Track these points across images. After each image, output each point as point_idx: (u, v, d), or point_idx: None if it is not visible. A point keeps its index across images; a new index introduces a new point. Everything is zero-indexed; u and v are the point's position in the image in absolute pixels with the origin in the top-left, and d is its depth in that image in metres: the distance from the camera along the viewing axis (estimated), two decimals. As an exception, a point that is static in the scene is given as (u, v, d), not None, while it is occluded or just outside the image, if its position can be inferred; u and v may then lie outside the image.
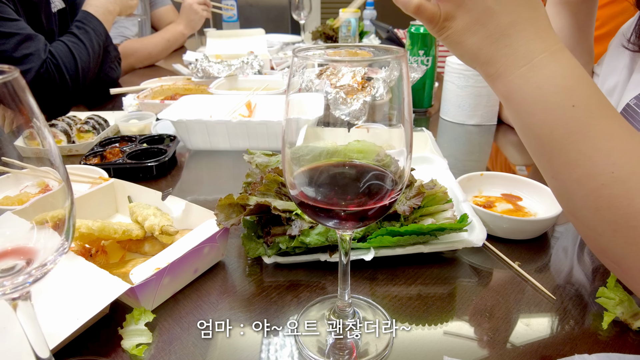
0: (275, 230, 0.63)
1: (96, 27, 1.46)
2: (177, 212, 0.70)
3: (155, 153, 0.99)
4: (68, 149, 1.07)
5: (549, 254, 0.70)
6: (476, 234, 0.66)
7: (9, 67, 0.33)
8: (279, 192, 0.64)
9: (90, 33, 1.44)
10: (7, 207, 0.62)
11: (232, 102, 1.21)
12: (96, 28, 1.46)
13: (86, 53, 1.41)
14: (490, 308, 0.59)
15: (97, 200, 0.75)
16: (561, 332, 0.55)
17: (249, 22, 3.12)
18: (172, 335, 0.54)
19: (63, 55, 1.35)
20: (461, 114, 1.30)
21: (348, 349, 0.53)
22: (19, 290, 0.37)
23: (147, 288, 0.54)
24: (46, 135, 0.36)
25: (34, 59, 1.28)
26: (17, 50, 1.26)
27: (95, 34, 1.45)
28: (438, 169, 0.84)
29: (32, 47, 1.29)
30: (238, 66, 1.54)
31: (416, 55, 1.34)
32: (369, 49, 0.48)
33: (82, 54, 1.40)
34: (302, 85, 0.42)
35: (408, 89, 0.42)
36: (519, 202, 0.81)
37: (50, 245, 0.38)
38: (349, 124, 0.46)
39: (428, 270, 0.66)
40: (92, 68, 1.46)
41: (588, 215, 0.49)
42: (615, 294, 0.56)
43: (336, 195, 0.44)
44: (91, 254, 0.64)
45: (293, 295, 0.61)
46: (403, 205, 0.65)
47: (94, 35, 1.45)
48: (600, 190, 0.47)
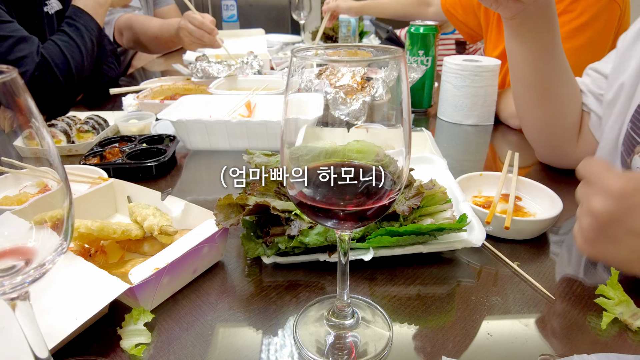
0: (274, 231, 0.63)
1: (87, 22, 1.43)
2: (177, 212, 0.70)
3: (155, 153, 0.99)
4: (68, 149, 1.07)
5: (548, 254, 0.70)
6: (475, 234, 0.66)
7: (7, 67, 0.33)
8: (278, 192, 0.64)
9: (81, 30, 1.41)
10: (6, 207, 0.62)
11: (232, 102, 1.21)
12: (87, 24, 1.42)
13: (78, 51, 1.39)
14: (489, 308, 0.59)
15: (96, 200, 0.75)
16: (560, 332, 0.55)
17: (249, 22, 3.13)
18: (171, 335, 0.54)
19: (55, 56, 1.33)
20: (458, 114, 1.30)
21: (347, 349, 0.53)
22: (17, 290, 0.37)
23: (146, 288, 0.54)
24: (45, 135, 0.36)
25: (28, 62, 1.27)
26: (11, 53, 1.25)
27: (86, 29, 1.42)
28: (437, 169, 0.84)
29: (26, 49, 1.28)
30: (238, 66, 1.54)
31: (416, 56, 1.34)
32: (369, 49, 0.48)
33: (74, 52, 1.38)
34: (301, 85, 0.42)
35: (407, 89, 0.42)
36: (519, 202, 0.81)
37: (49, 245, 0.38)
38: (348, 124, 0.46)
39: (427, 271, 0.66)
40: (87, 65, 1.43)
41: None
42: (614, 294, 0.56)
43: (335, 195, 0.44)
44: (90, 254, 0.64)
45: (292, 295, 0.61)
46: (402, 206, 0.65)
47: (85, 32, 1.41)
48: None
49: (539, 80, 0.90)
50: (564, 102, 0.92)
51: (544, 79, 0.90)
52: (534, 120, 0.98)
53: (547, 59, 0.88)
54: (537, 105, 0.94)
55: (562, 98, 0.92)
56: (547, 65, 0.88)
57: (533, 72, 0.90)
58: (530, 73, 0.90)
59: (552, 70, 0.89)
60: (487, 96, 1.26)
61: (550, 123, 0.95)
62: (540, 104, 0.93)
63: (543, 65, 0.88)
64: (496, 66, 1.24)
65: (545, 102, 0.92)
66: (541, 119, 0.95)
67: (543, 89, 0.91)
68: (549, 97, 0.92)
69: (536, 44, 0.86)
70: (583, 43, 1.19)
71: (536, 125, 0.98)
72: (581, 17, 1.19)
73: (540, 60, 0.88)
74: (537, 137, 1.00)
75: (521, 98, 0.97)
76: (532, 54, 0.88)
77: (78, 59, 1.39)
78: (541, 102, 0.93)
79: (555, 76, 0.90)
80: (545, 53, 0.87)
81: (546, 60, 0.88)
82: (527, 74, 0.91)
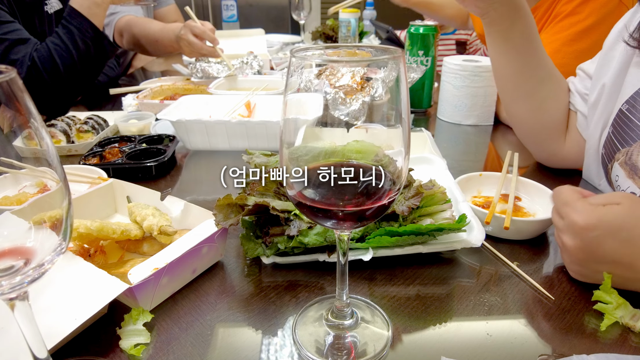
0: (273, 231, 0.63)
1: (81, 24, 1.39)
2: (176, 212, 0.70)
3: (155, 153, 0.99)
4: (67, 149, 1.07)
5: (548, 255, 0.70)
6: (475, 234, 0.66)
7: (6, 67, 0.33)
8: (277, 192, 0.64)
9: (73, 32, 1.38)
10: (5, 207, 0.62)
11: (232, 102, 1.21)
12: (81, 25, 1.39)
13: (68, 56, 1.36)
14: (489, 308, 0.59)
15: (96, 200, 0.75)
16: (559, 333, 0.55)
17: (249, 22, 3.13)
18: (171, 336, 0.54)
19: (44, 60, 1.32)
20: (458, 114, 1.30)
21: (346, 349, 0.53)
22: (16, 290, 0.37)
23: (145, 288, 0.54)
24: (44, 135, 0.36)
25: (20, 65, 1.26)
26: (5, 56, 1.25)
27: (79, 32, 1.38)
28: (437, 169, 0.84)
29: (21, 52, 1.27)
30: (238, 66, 1.54)
31: (416, 56, 1.34)
32: (368, 49, 0.48)
33: (64, 56, 1.36)
34: (301, 85, 0.42)
35: (406, 89, 0.42)
36: (518, 202, 0.81)
37: (47, 245, 0.38)
38: (348, 124, 0.46)
39: (427, 271, 0.66)
40: (82, 67, 1.41)
41: None
42: (611, 298, 0.56)
43: (334, 196, 0.44)
44: (90, 254, 0.64)
45: (291, 295, 0.61)
46: (402, 206, 0.65)
47: (78, 34, 1.38)
48: None
49: (515, 77, 0.93)
50: (545, 100, 0.94)
51: (520, 75, 0.93)
52: (517, 117, 1.01)
53: (520, 57, 0.91)
54: (517, 101, 0.97)
55: (542, 95, 0.94)
56: (520, 63, 0.91)
57: (508, 68, 0.93)
58: (506, 69, 0.94)
59: (526, 68, 0.92)
60: (486, 96, 1.26)
61: (532, 120, 0.97)
62: (522, 99, 0.95)
63: (516, 62, 0.92)
64: (496, 66, 1.24)
65: (526, 98, 0.95)
66: (524, 115, 0.98)
67: (520, 84, 0.94)
68: (527, 93, 0.94)
69: (506, 43, 0.90)
70: (590, 45, 1.19)
71: (520, 121, 1.01)
72: (588, 19, 1.19)
73: (513, 58, 0.91)
74: (524, 134, 1.03)
75: (502, 93, 1.01)
76: (505, 50, 0.91)
77: (69, 63, 1.37)
78: (523, 98, 0.95)
79: (531, 73, 0.92)
80: (517, 51, 0.90)
81: (519, 58, 0.91)
82: (503, 70, 0.95)
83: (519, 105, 0.97)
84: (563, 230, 0.61)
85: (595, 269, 0.59)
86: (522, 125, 1.01)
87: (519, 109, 0.97)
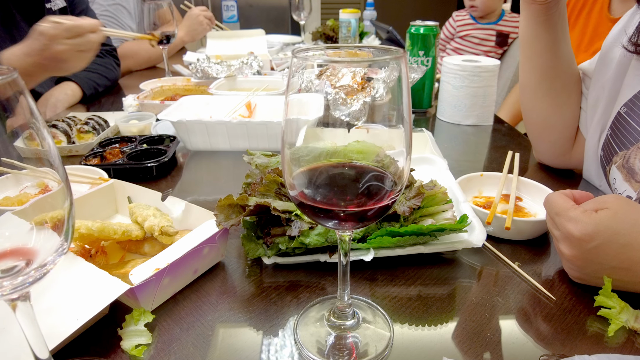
0: (274, 231, 0.63)
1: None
2: (177, 212, 0.70)
3: (155, 154, 0.99)
4: (68, 150, 1.07)
5: (549, 255, 0.70)
6: (476, 235, 0.66)
7: (7, 67, 0.33)
8: (278, 193, 0.64)
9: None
10: (7, 208, 0.62)
11: (232, 103, 1.21)
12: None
13: None
14: (490, 309, 0.59)
15: (97, 200, 0.75)
16: (561, 333, 0.55)
17: (249, 23, 3.13)
18: (172, 336, 0.54)
19: None
20: (457, 114, 1.30)
21: (348, 350, 0.53)
22: (18, 290, 0.37)
23: (146, 289, 0.54)
24: (45, 135, 0.36)
25: None
26: None
27: None
28: (438, 169, 0.84)
29: None
30: (237, 67, 1.54)
31: (416, 56, 1.34)
32: (369, 49, 0.48)
33: None
34: (301, 85, 0.42)
35: (407, 89, 0.42)
36: (519, 202, 0.81)
37: (49, 245, 0.38)
38: (349, 125, 0.46)
39: (428, 271, 0.66)
40: None
41: None
42: (613, 302, 0.56)
43: (336, 196, 0.44)
44: (91, 255, 0.64)
45: (293, 295, 0.61)
46: (403, 206, 0.65)
47: None
48: None
49: (551, 68, 0.92)
50: (568, 93, 0.93)
51: (557, 66, 0.91)
52: (537, 112, 0.98)
53: (564, 45, 0.89)
54: (544, 96, 0.95)
55: (567, 88, 0.93)
56: (562, 52, 0.90)
57: (549, 58, 0.91)
58: (547, 60, 0.91)
59: (565, 57, 0.91)
60: (486, 96, 1.26)
61: (552, 117, 0.96)
62: (547, 94, 0.94)
63: (560, 51, 0.90)
64: (495, 66, 1.24)
65: (552, 92, 0.94)
66: (545, 111, 0.96)
67: (553, 77, 0.92)
68: (556, 87, 0.93)
69: (562, 29, 0.88)
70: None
71: (538, 117, 0.99)
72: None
73: (558, 47, 0.89)
74: (539, 133, 1.01)
75: (529, 88, 0.98)
76: (554, 39, 0.89)
77: None
78: (548, 92, 0.94)
79: (566, 64, 0.91)
80: (563, 39, 0.89)
81: (563, 46, 0.90)
82: (543, 60, 0.92)
83: (544, 101, 0.95)
84: (560, 239, 0.61)
85: (594, 275, 0.59)
86: (540, 123, 0.99)
87: (543, 104, 0.96)
